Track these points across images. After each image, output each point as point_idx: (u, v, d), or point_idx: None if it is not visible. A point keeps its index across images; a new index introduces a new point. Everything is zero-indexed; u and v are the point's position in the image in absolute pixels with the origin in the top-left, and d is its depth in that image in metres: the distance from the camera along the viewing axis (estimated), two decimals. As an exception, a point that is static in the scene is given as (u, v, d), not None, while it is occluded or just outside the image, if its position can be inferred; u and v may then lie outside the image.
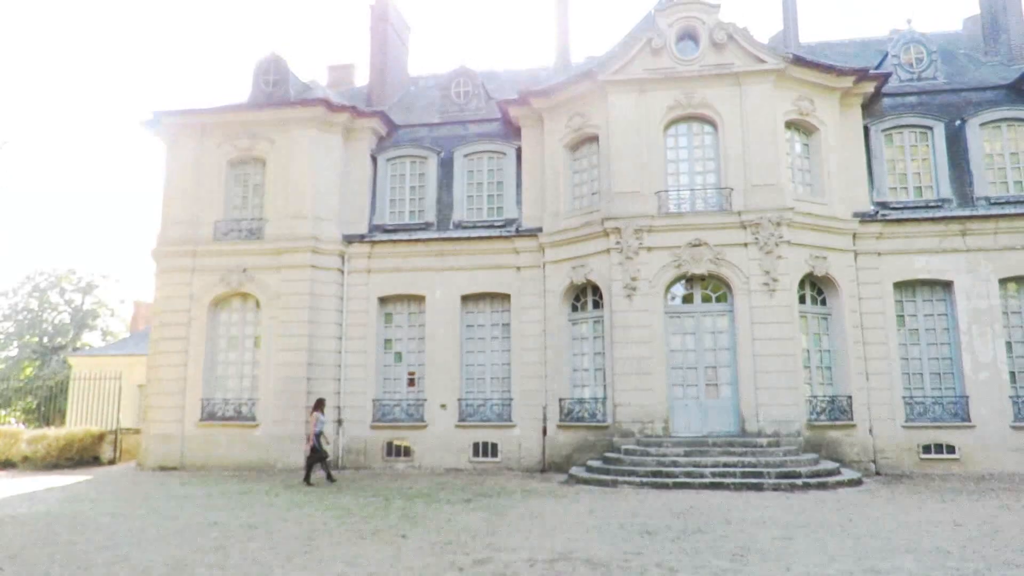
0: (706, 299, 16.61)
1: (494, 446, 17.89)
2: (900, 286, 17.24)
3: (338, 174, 19.62)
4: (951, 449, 16.25)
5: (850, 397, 16.30)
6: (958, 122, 17.98)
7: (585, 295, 17.74)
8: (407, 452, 18.25)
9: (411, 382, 18.97)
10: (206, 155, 19.66)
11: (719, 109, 16.84)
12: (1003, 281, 16.95)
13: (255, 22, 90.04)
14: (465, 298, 18.83)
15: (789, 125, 17.19)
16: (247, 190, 19.78)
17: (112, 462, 20.81)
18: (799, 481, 13.55)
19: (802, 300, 16.64)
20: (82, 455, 20.28)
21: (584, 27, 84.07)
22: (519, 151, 19.26)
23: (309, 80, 21.52)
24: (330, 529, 9.79)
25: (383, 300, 19.31)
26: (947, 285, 17.10)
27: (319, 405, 15.88)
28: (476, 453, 17.94)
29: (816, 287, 17.05)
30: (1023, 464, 15.91)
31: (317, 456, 15.23)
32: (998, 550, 8.25)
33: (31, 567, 7.82)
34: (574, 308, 17.90)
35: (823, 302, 17.07)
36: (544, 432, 17.47)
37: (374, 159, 20.07)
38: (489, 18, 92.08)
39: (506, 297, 18.62)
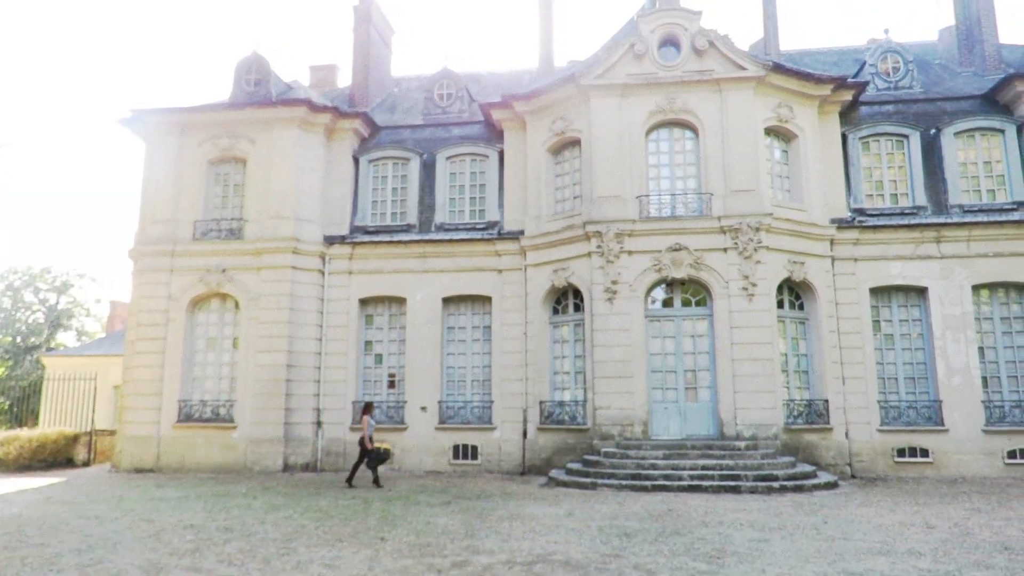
0: (686, 303, 16.74)
1: (474, 448, 17.87)
2: (876, 292, 17.50)
3: (319, 175, 19.52)
4: (925, 452, 16.50)
5: (827, 401, 16.50)
6: (933, 131, 18.29)
7: (566, 298, 17.80)
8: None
9: (391, 384, 18.91)
10: (186, 154, 19.50)
11: (700, 115, 16.99)
12: (976, 288, 17.26)
13: (237, 21, 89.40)
14: (446, 300, 18.81)
15: (769, 132, 17.39)
16: (227, 190, 19.62)
17: (86, 464, 20.51)
18: (776, 484, 13.69)
19: (780, 305, 16.83)
20: (56, 457, 19.97)
21: (568, 31, 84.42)
22: (501, 154, 19.29)
23: (291, 80, 21.41)
24: (308, 532, 9.73)
25: (364, 302, 19.23)
26: (922, 291, 17.38)
27: (368, 408, 15.46)
28: (456, 455, 17.91)
29: (794, 292, 17.24)
30: (994, 467, 16.22)
31: (370, 458, 14.90)
32: (969, 551, 8.39)
33: (1, 571, 7.69)
34: (555, 311, 17.95)
35: (801, 307, 17.27)
36: (524, 435, 17.49)
37: (356, 160, 20.00)
38: (473, 21, 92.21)
39: (487, 300, 18.63)
